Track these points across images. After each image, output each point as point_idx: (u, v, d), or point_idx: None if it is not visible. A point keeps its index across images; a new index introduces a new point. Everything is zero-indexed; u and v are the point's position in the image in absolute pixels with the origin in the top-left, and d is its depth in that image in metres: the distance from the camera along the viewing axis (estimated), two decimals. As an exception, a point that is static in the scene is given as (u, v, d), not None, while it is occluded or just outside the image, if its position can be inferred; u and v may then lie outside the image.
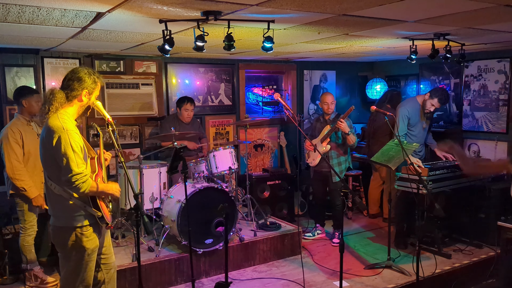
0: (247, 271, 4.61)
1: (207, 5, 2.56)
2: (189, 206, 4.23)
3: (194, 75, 6.13)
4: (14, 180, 3.85)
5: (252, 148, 6.76)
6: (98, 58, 5.42)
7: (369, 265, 4.69)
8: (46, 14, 2.78)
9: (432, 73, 6.88)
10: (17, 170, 3.85)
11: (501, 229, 4.30)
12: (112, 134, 2.78)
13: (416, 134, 5.04)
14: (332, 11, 2.80)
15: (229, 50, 2.90)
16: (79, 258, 2.77)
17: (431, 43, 4.01)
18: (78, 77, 2.76)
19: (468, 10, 2.82)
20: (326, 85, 7.38)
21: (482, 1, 2.60)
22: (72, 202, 2.71)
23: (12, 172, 3.85)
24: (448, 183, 4.87)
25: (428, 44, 4.08)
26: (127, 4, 2.51)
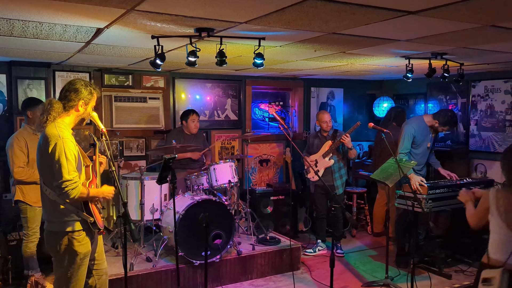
0: (244, 285, 4.63)
1: (198, 22, 2.68)
2: (187, 218, 4.32)
3: (201, 90, 6.27)
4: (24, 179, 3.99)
5: (257, 163, 6.83)
6: (107, 72, 5.61)
7: (366, 283, 4.67)
8: (49, 29, 2.94)
9: (440, 93, 6.88)
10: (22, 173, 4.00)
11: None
12: (105, 144, 2.88)
13: (420, 153, 5.02)
14: (320, 30, 2.88)
15: (221, 65, 3.01)
16: (71, 262, 2.86)
17: (428, 62, 4.04)
18: (75, 88, 2.88)
19: (454, 30, 2.87)
20: (333, 103, 7.44)
21: (466, 22, 2.65)
22: (65, 207, 2.81)
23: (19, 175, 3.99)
24: (449, 202, 4.81)
25: (425, 63, 4.11)
26: (122, 21, 2.64)
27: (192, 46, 2.95)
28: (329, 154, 5.38)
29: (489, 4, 2.26)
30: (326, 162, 5.41)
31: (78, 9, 2.37)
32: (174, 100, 6.08)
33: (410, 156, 5.05)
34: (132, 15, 2.50)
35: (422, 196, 4.65)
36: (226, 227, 4.51)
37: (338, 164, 5.44)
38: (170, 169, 2.80)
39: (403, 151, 4.89)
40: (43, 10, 2.40)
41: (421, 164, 5.11)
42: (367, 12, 2.41)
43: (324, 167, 5.43)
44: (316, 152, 5.51)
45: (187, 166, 5.35)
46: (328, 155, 5.39)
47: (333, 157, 5.39)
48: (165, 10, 2.38)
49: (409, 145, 4.93)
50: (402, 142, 4.94)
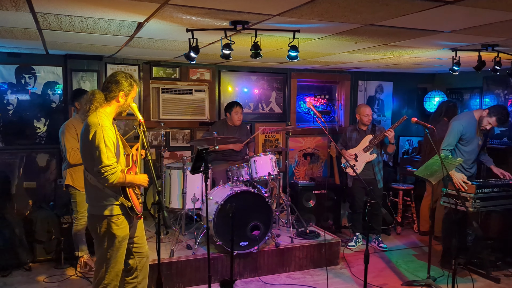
0: (281, 277, 4.66)
1: (232, 15, 2.71)
2: (226, 208, 4.40)
3: (246, 82, 6.33)
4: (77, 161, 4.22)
5: (301, 157, 6.81)
6: (155, 65, 5.80)
7: (407, 282, 4.54)
8: (94, 24, 3.09)
9: (497, 87, 6.50)
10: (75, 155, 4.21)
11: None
12: (142, 133, 3.00)
13: (470, 150, 4.79)
14: (356, 21, 2.83)
15: (256, 58, 3.03)
16: (110, 244, 3.02)
17: (478, 54, 3.83)
18: (116, 80, 3.02)
19: (502, 20, 2.71)
20: (382, 96, 7.24)
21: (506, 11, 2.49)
22: (105, 191, 2.96)
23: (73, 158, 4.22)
24: (499, 202, 4.58)
25: (475, 56, 3.91)
26: (159, 14, 2.73)
27: (227, 39, 2.99)
28: (371, 148, 5.32)
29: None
30: (367, 156, 5.37)
31: (115, 4, 2.48)
32: (219, 92, 6.19)
33: (457, 153, 4.83)
34: (167, 9, 2.58)
35: (469, 195, 4.44)
36: (264, 218, 4.55)
37: (377, 158, 5.39)
38: (203, 159, 2.87)
39: (447, 147, 4.70)
40: (85, 6, 2.54)
41: (471, 162, 4.87)
42: (401, 3, 2.33)
43: (365, 161, 5.38)
44: (355, 146, 5.45)
45: (229, 158, 5.44)
46: (370, 149, 5.34)
47: (374, 151, 5.33)
48: (197, 4, 2.44)
49: (454, 142, 4.73)
50: (447, 138, 4.74)
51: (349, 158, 5.43)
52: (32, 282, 4.42)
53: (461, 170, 4.71)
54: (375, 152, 5.37)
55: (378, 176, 5.46)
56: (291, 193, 6.09)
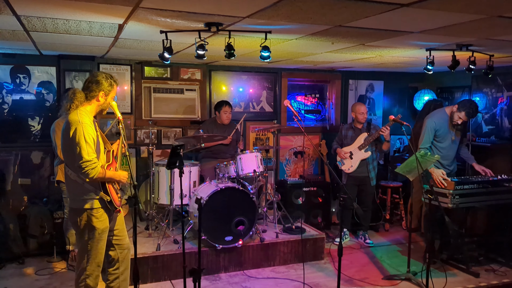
0: (266, 271, 4.79)
1: (204, 17, 2.85)
2: (211, 204, 4.54)
3: (237, 82, 6.47)
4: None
5: (292, 155, 6.93)
6: (147, 65, 5.95)
7: (387, 276, 4.66)
8: (76, 26, 3.24)
9: (485, 85, 6.58)
10: None
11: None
12: (121, 130, 3.13)
13: (445, 146, 4.91)
14: (324, 23, 2.95)
15: (229, 58, 3.17)
16: (91, 236, 3.16)
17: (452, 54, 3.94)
18: (96, 80, 3.16)
19: (461, 22, 2.82)
20: (372, 95, 7.34)
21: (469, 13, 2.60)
22: (85, 186, 3.10)
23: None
24: (479, 198, 4.67)
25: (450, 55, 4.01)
26: (135, 17, 2.87)
27: (201, 40, 3.12)
28: (366, 146, 5.44)
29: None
30: (362, 154, 5.48)
31: (91, 7, 2.62)
32: (210, 91, 6.32)
33: (433, 150, 4.93)
34: (140, 12, 2.71)
35: (448, 191, 4.55)
36: (249, 214, 4.68)
37: (372, 156, 5.50)
38: (178, 155, 3.00)
39: (423, 145, 4.83)
40: (62, 9, 2.68)
41: (449, 158, 4.98)
42: (358, 6, 2.45)
43: (360, 159, 5.50)
44: (350, 144, 5.56)
45: (218, 155, 5.57)
46: (365, 147, 5.46)
47: (369, 148, 5.44)
48: (168, 7, 2.58)
49: (429, 139, 4.85)
50: (422, 137, 4.88)
51: (344, 156, 5.53)
52: (24, 274, 4.59)
53: (439, 167, 4.81)
54: (370, 150, 5.47)
55: (372, 174, 5.57)
56: (280, 191, 6.22)
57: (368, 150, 5.46)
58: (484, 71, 4.40)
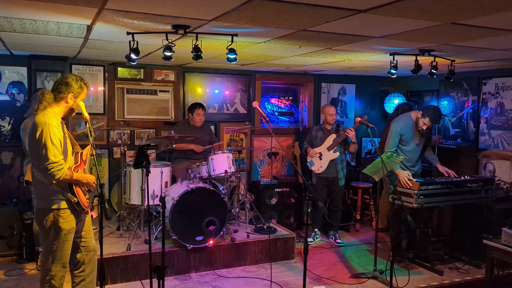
0: (236, 270, 4.85)
1: (171, 20, 2.90)
2: (182, 204, 4.58)
3: (211, 84, 6.53)
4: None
5: (265, 156, 7.01)
6: (120, 66, 5.96)
7: (355, 274, 4.77)
8: (44, 26, 3.25)
9: (452, 90, 6.80)
10: None
11: (486, 247, 4.24)
12: (88, 130, 3.15)
13: (410, 150, 5.09)
14: (287, 27, 3.04)
15: (197, 60, 3.23)
16: (56, 237, 3.16)
17: (415, 59, 4.09)
18: (66, 82, 3.17)
19: (417, 28, 2.95)
20: (344, 98, 7.50)
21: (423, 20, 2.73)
22: (52, 188, 3.11)
23: None
24: (442, 198, 4.82)
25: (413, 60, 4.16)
26: (102, 18, 2.91)
27: (168, 41, 3.18)
28: (334, 147, 5.56)
29: (429, 3, 2.35)
30: (331, 154, 5.61)
31: (56, 8, 2.65)
32: (184, 93, 6.36)
33: (399, 153, 5.10)
34: (107, 13, 2.76)
35: (413, 191, 4.70)
36: (220, 214, 4.74)
37: (341, 156, 5.63)
38: (145, 155, 3.04)
39: (389, 149, 4.99)
40: (27, 9, 2.70)
41: (414, 161, 5.15)
42: (318, 11, 2.55)
43: (329, 159, 5.62)
44: (320, 145, 5.69)
45: (191, 156, 5.62)
46: (333, 148, 5.57)
47: (337, 149, 5.57)
48: (133, 9, 2.62)
49: (395, 143, 5.02)
50: (388, 140, 5.05)
51: (313, 156, 5.67)
52: (-9, 276, 4.54)
53: (404, 168, 4.97)
54: (338, 150, 5.61)
55: (340, 174, 5.70)
56: (253, 191, 6.31)
57: (336, 151, 5.59)
58: (446, 76, 4.57)
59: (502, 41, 3.45)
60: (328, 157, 5.63)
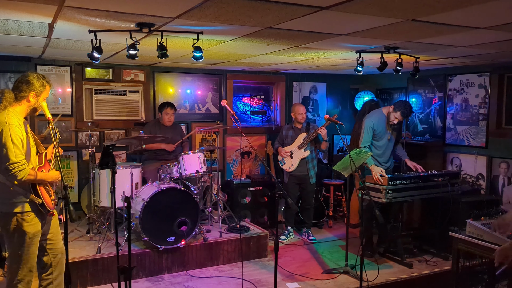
0: (209, 270, 4.83)
1: (133, 17, 2.87)
2: (152, 204, 4.54)
3: (181, 83, 6.48)
4: None
5: (238, 155, 7.01)
6: (88, 66, 5.85)
7: (326, 270, 4.82)
8: (3, 25, 3.17)
9: (419, 87, 6.95)
10: None
11: (452, 239, 4.35)
12: (51, 130, 3.08)
13: (382, 145, 5.18)
14: (253, 24, 3.04)
15: (162, 58, 3.21)
16: (21, 241, 3.08)
17: (380, 56, 4.16)
18: (27, 80, 3.10)
19: (380, 25, 3.00)
20: (316, 97, 7.56)
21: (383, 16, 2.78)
22: (14, 189, 3.03)
23: None
24: (410, 193, 4.93)
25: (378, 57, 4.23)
26: (63, 16, 2.85)
27: (133, 40, 3.14)
28: (305, 146, 5.60)
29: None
30: (302, 153, 5.65)
31: (13, 6, 2.58)
32: (155, 93, 6.30)
33: (372, 149, 5.18)
34: (67, 11, 2.70)
35: (382, 186, 4.78)
36: (191, 214, 4.71)
37: (311, 155, 5.68)
38: (110, 155, 3.00)
39: (363, 144, 5.08)
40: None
41: (386, 156, 5.24)
42: (281, 8, 2.56)
43: (300, 158, 5.66)
44: (291, 143, 5.73)
45: (162, 157, 5.56)
46: (304, 147, 5.61)
47: (308, 148, 5.61)
48: (93, 6, 2.58)
49: (369, 139, 5.10)
50: (362, 136, 5.12)
51: (284, 155, 5.70)
52: (-43, 284, 4.39)
53: (377, 164, 5.04)
54: (309, 149, 5.66)
55: (311, 172, 5.75)
56: (227, 191, 6.30)
57: (307, 150, 5.63)
58: (411, 73, 4.67)
59: (463, 38, 3.55)
60: (299, 156, 5.68)
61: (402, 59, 4.27)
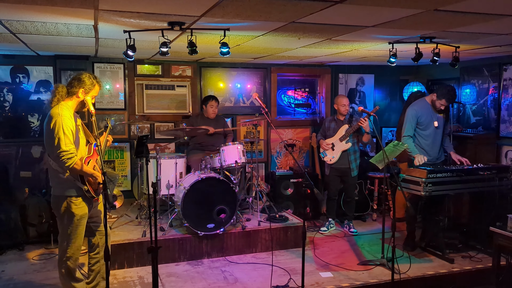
0: (247, 257, 5.03)
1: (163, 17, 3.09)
2: (193, 192, 4.80)
3: (227, 78, 6.71)
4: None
5: (282, 148, 7.14)
6: (140, 63, 6.25)
7: (362, 261, 4.84)
8: (54, 28, 3.53)
9: (472, 77, 6.67)
10: None
11: (493, 235, 4.21)
12: (94, 123, 3.39)
13: (429, 134, 5.05)
14: (276, 19, 3.15)
15: (192, 54, 3.41)
16: (70, 221, 3.45)
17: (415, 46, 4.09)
18: (79, 78, 3.44)
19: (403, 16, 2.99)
20: (363, 89, 7.49)
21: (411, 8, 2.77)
22: (66, 176, 3.39)
23: None
24: (452, 186, 4.80)
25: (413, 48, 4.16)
26: (102, 18, 3.13)
27: (164, 38, 3.38)
28: (346, 138, 5.61)
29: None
30: (343, 145, 5.66)
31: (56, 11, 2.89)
32: (201, 87, 6.58)
33: (418, 139, 5.08)
34: (103, 14, 2.97)
35: (421, 179, 4.71)
36: (229, 203, 4.92)
37: (353, 147, 5.67)
38: (144, 145, 3.26)
39: (406, 133, 5.00)
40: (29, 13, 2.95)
41: (435, 146, 5.10)
42: (295, 4, 2.65)
43: (341, 150, 5.67)
44: (333, 136, 5.74)
45: (206, 148, 5.83)
46: (346, 139, 5.62)
47: (349, 140, 5.61)
48: (125, 9, 2.82)
49: (412, 128, 5.00)
50: (404, 125, 5.03)
51: (326, 147, 5.74)
52: (22, 259, 4.93)
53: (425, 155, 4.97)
54: (351, 141, 5.65)
55: (353, 165, 5.74)
56: (269, 182, 6.46)
57: (349, 142, 5.63)
58: (450, 63, 4.53)
59: (499, 26, 3.42)
60: (340, 148, 5.68)
61: (440, 49, 4.17)
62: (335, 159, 5.72)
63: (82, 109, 3.61)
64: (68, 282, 3.59)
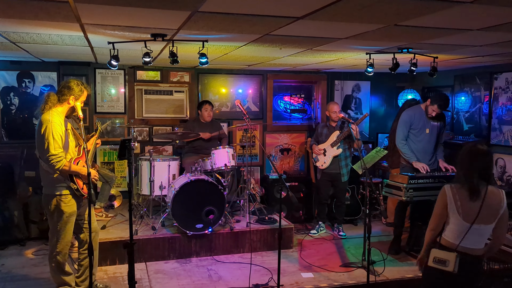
0: (234, 256, 5.23)
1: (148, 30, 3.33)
2: (182, 194, 5.03)
3: (223, 84, 6.95)
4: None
5: (278, 152, 7.33)
6: (139, 69, 6.52)
7: (344, 263, 5.00)
8: (49, 38, 3.80)
9: (465, 85, 6.77)
10: None
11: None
12: (81, 127, 3.63)
13: (422, 139, 5.19)
14: (250, 32, 3.36)
15: (173, 64, 3.65)
16: (59, 218, 3.71)
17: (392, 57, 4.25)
18: (68, 86, 3.70)
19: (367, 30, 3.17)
20: (359, 95, 7.63)
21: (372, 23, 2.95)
22: (56, 176, 3.65)
23: None
24: (433, 192, 4.89)
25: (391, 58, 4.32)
26: (88, 30, 3.39)
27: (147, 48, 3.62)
28: (337, 144, 5.77)
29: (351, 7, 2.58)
30: (334, 151, 5.82)
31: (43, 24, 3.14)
32: (199, 92, 6.83)
33: (411, 144, 5.21)
34: (89, 27, 3.23)
35: (402, 185, 4.85)
36: (218, 204, 5.13)
37: (344, 153, 5.82)
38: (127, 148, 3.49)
39: (398, 138, 5.18)
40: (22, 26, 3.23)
41: (427, 152, 5.24)
42: (260, 19, 2.85)
43: (332, 155, 5.84)
44: (325, 141, 5.91)
45: (200, 151, 6.06)
46: (337, 145, 5.78)
47: (341, 146, 5.77)
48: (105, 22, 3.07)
49: (405, 133, 5.16)
50: (397, 131, 5.19)
51: (318, 152, 5.91)
52: (22, 255, 5.23)
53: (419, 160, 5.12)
54: (342, 147, 5.81)
55: (344, 170, 5.90)
56: (263, 185, 6.66)
57: (340, 147, 5.77)
58: (429, 73, 4.67)
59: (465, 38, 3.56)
60: (331, 153, 5.84)
61: (417, 59, 4.32)
62: (327, 164, 5.88)
63: (72, 114, 3.87)
64: (58, 275, 3.86)
